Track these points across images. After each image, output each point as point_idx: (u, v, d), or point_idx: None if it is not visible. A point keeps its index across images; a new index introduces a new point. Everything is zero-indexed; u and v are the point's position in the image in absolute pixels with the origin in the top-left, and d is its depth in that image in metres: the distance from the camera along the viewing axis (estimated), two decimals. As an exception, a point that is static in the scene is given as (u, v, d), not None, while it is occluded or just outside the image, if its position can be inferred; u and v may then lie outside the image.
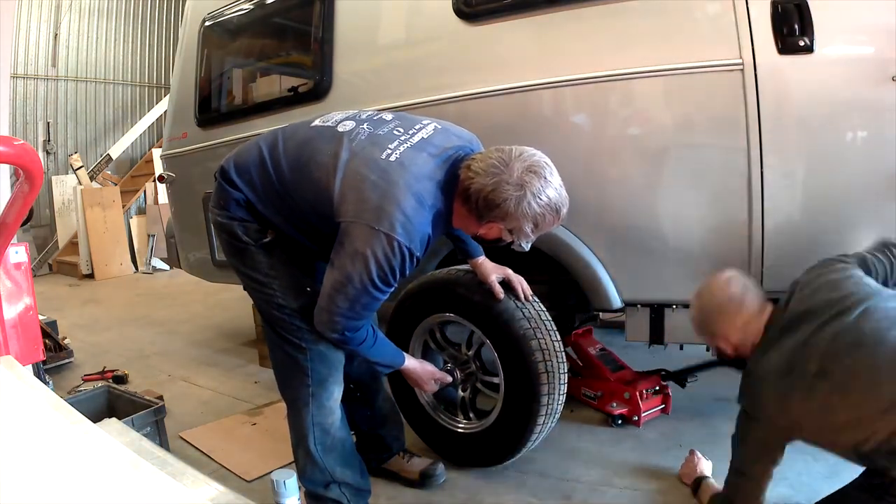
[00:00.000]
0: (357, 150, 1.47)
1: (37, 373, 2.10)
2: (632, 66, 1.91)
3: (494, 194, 1.41)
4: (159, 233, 7.25)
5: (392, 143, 1.48)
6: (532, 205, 1.42)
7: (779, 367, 1.43)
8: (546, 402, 1.92)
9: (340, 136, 1.52)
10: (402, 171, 1.42)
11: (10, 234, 1.42)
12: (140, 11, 8.88)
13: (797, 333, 1.44)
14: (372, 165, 1.43)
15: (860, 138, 1.75)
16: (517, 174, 1.41)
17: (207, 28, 3.11)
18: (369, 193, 1.40)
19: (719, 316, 1.58)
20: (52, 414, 1.12)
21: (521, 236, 1.49)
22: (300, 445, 1.73)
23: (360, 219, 1.40)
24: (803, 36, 1.68)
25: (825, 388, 1.36)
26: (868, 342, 1.34)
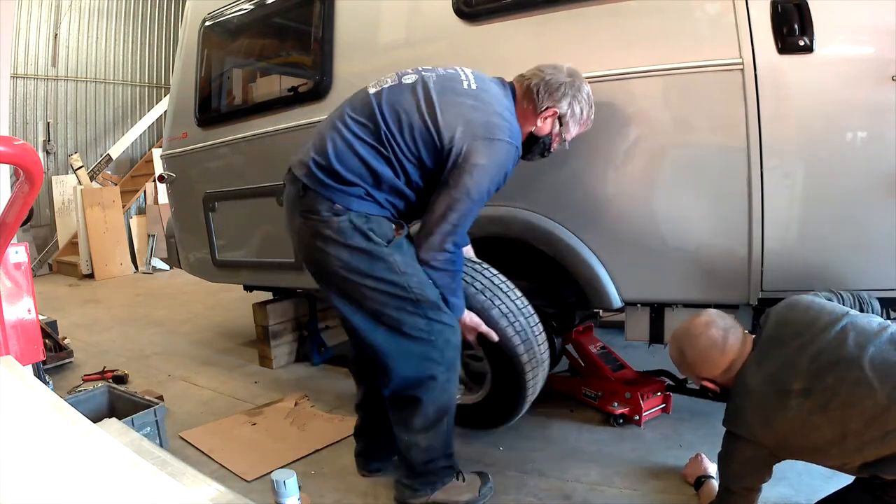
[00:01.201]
0: (441, 87, 1.70)
1: (37, 373, 2.09)
2: (631, 65, 1.92)
3: (553, 81, 1.75)
4: (159, 233, 7.26)
5: (460, 76, 1.75)
6: (582, 89, 1.78)
7: (763, 387, 1.46)
8: (527, 353, 2.02)
9: (415, 84, 1.73)
10: (485, 95, 1.71)
11: (10, 234, 1.42)
12: (140, 11, 8.88)
13: (777, 354, 1.48)
14: (463, 95, 1.69)
15: (860, 138, 1.76)
16: (566, 69, 1.77)
17: (207, 28, 3.11)
18: (473, 115, 1.66)
19: (702, 362, 1.60)
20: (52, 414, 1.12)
21: (571, 122, 1.80)
22: (437, 424, 1.82)
23: (473, 135, 1.64)
24: (803, 36, 1.69)
25: (808, 407, 1.38)
26: (847, 359, 1.37)
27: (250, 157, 2.96)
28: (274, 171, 2.82)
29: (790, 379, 1.42)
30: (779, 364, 1.46)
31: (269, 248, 3.00)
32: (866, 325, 1.42)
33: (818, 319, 1.47)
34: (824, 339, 1.42)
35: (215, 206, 3.15)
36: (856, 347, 1.38)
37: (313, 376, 3.22)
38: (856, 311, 1.50)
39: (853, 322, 1.43)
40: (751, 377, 1.50)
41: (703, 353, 1.59)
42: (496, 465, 2.14)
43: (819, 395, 1.38)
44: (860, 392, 1.33)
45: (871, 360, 1.34)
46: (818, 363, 1.40)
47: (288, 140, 2.73)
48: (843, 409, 1.34)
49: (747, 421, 1.48)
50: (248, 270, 3.20)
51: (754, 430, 1.46)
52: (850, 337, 1.40)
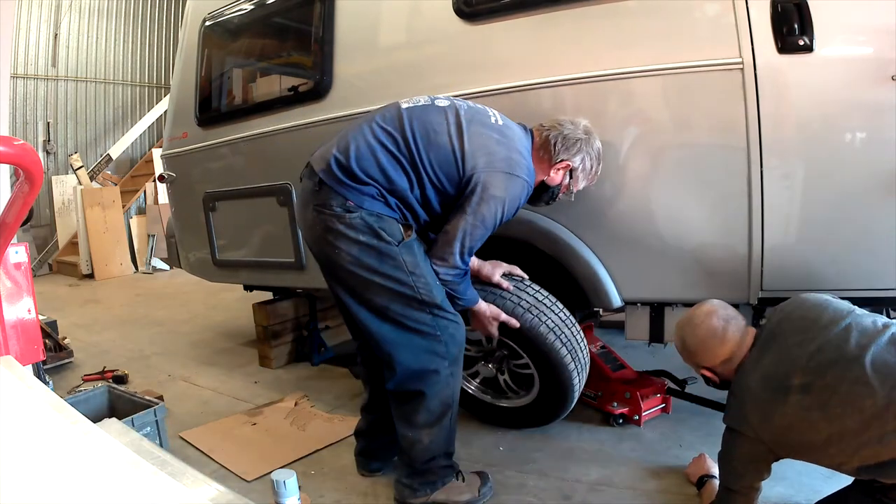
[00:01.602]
0: (470, 117, 1.80)
1: (37, 373, 2.09)
2: (631, 65, 1.92)
3: (571, 136, 1.84)
4: (159, 233, 7.26)
5: (488, 111, 1.85)
6: (594, 146, 1.88)
7: (762, 382, 1.47)
8: (573, 362, 2.11)
9: (447, 109, 1.81)
10: (509, 132, 1.82)
11: (10, 234, 1.42)
12: (140, 11, 8.88)
13: (779, 349, 1.48)
14: (490, 128, 1.79)
15: (860, 138, 1.75)
16: (582, 126, 1.87)
17: (208, 28, 3.11)
18: (497, 148, 1.76)
19: (702, 351, 1.62)
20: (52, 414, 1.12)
21: (581, 176, 1.89)
22: (440, 421, 1.85)
23: (494, 168, 1.74)
24: (803, 35, 1.69)
25: (806, 403, 1.39)
26: (848, 357, 1.37)
27: (250, 157, 2.96)
28: (274, 170, 2.83)
29: (790, 374, 1.42)
30: (779, 359, 1.47)
31: (269, 248, 3.00)
32: (869, 325, 1.42)
33: (821, 317, 1.48)
34: (826, 337, 1.43)
35: (215, 205, 3.15)
36: (857, 347, 1.38)
37: (313, 376, 3.22)
38: (861, 311, 1.49)
39: (856, 321, 1.43)
40: (751, 371, 1.51)
41: (703, 341, 1.61)
42: (496, 465, 2.14)
43: (818, 392, 1.38)
44: (859, 391, 1.33)
45: (872, 361, 1.34)
46: (818, 360, 1.40)
47: (288, 140, 2.73)
48: (842, 408, 1.34)
49: (746, 416, 1.48)
50: (248, 270, 3.20)
51: (754, 426, 1.47)
52: (853, 336, 1.40)
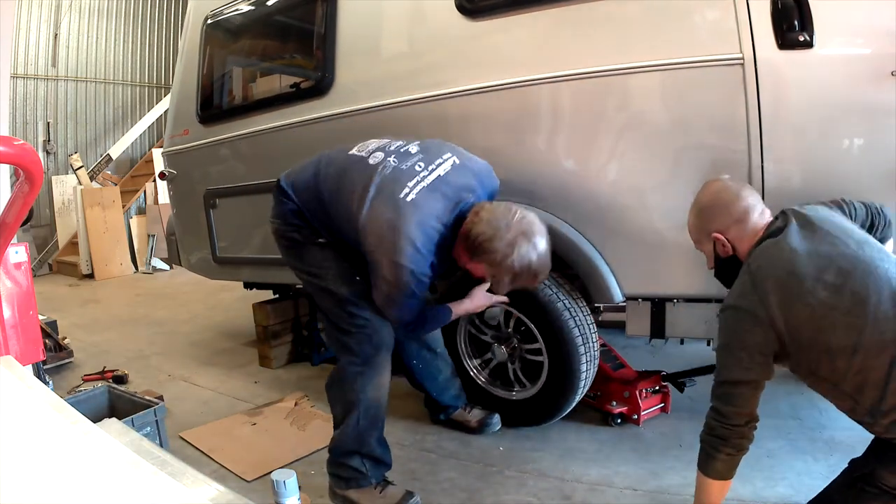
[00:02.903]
0: (382, 186, 1.68)
1: (37, 373, 2.09)
2: (633, 61, 1.92)
3: (488, 244, 1.65)
4: (159, 233, 7.26)
5: (412, 180, 1.68)
6: (514, 264, 1.66)
7: (791, 264, 1.37)
8: (583, 346, 2.17)
9: (371, 169, 1.74)
10: (415, 211, 1.64)
11: (10, 234, 1.42)
12: (140, 11, 8.88)
13: (814, 239, 1.40)
14: (391, 204, 1.65)
15: (860, 134, 1.75)
16: (511, 235, 1.64)
17: (210, 26, 3.12)
18: (387, 230, 1.64)
19: (716, 208, 1.54)
20: (52, 414, 1.12)
21: (500, 284, 1.76)
22: (345, 418, 1.89)
23: (379, 250, 1.67)
24: (803, 31, 1.69)
25: (833, 302, 1.31)
26: (881, 277, 1.32)
27: (252, 154, 2.97)
28: (275, 167, 2.82)
29: (823, 268, 1.34)
30: (814, 248, 1.38)
31: (269, 245, 2.99)
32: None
33: (854, 231, 1.43)
34: (861, 253, 1.36)
35: (216, 202, 3.15)
36: (886, 273, 1.32)
37: (313, 376, 3.22)
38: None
39: (883, 251, 1.41)
40: (778, 250, 1.40)
41: (716, 196, 1.55)
42: (496, 465, 2.14)
43: (849, 295, 1.31)
44: (886, 312, 1.28)
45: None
46: (854, 265, 1.34)
47: (289, 137, 2.74)
48: (864, 320, 1.28)
49: (764, 296, 1.36)
50: (248, 267, 3.21)
51: (770, 308, 1.35)
52: (885, 260, 1.36)
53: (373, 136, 2.44)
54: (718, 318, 1.49)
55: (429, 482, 2.05)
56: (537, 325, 2.23)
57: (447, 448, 2.29)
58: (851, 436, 1.76)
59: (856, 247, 1.38)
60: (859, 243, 1.39)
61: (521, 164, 2.18)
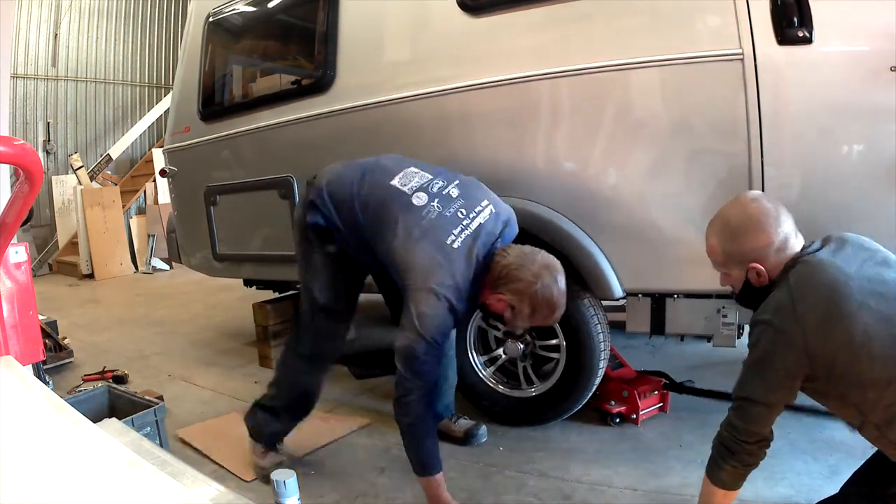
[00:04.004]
0: (428, 229, 1.77)
1: (37, 373, 2.09)
2: (633, 56, 1.93)
3: (516, 272, 1.73)
4: (159, 233, 7.25)
5: (456, 227, 1.77)
6: (538, 293, 1.72)
7: (835, 284, 1.26)
8: (603, 347, 2.20)
9: (416, 210, 1.81)
10: (460, 258, 1.74)
11: (10, 234, 1.42)
12: (140, 11, 8.88)
13: (851, 259, 1.31)
14: (439, 248, 1.74)
15: (860, 129, 1.76)
16: (537, 266, 1.73)
17: (212, 24, 3.13)
18: (434, 268, 1.72)
19: (755, 234, 1.36)
20: (52, 414, 1.12)
21: (519, 317, 1.78)
22: (278, 393, 2.18)
23: (422, 285, 1.71)
24: (802, 27, 1.70)
25: (874, 331, 1.22)
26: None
27: (253, 151, 2.98)
28: (276, 163, 2.84)
29: (865, 289, 1.24)
30: (853, 267, 1.28)
31: (270, 242, 3.01)
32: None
33: (892, 259, 1.34)
34: (889, 272, 1.28)
35: (217, 199, 3.16)
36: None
37: (313, 376, 3.22)
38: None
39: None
40: (821, 267, 1.29)
41: (754, 220, 1.37)
42: (496, 464, 2.14)
43: (892, 324, 1.21)
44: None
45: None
46: (891, 288, 1.24)
47: (290, 133, 2.75)
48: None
49: (803, 316, 1.26)
50: (248, 264, 3.21)
51: (807, 330, 1.25)
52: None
53: (373, 134, 2.48)
54: (751, 330, 1.40)
55: (429, 482, 2.05)
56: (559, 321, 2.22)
57: (447, 448, 2.28)
58: (851, 436, 1.75)
59: (887, 269, 1.30)
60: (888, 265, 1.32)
61: (521, 160, 2.19)
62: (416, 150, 2.42)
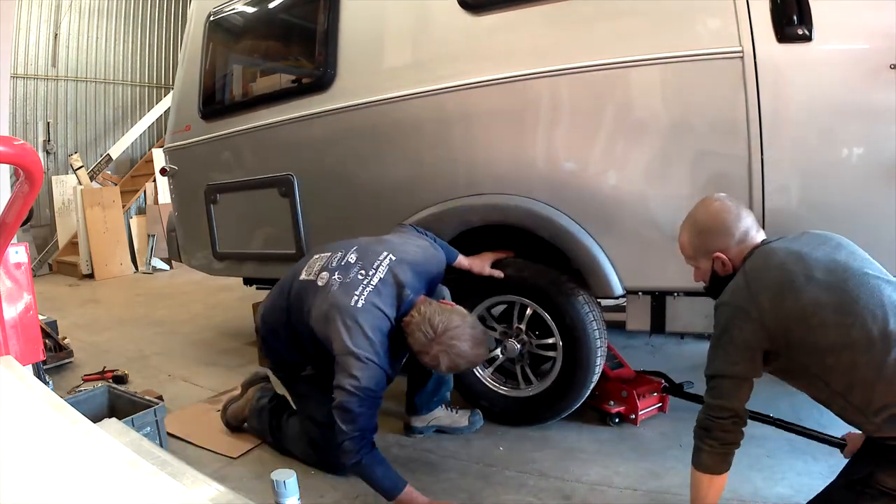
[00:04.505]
0: (333, 302, 1.92)
1: (37, 373, 2.09)
2: (633, 55, 1.93)
3: (420, 356, 1.91)
4: (159, 233, 7.25)
5: (357, 289, 1.92)
6: (441, 366, 1.89)
7: (784, 263, 1.42)
8: (600, 339, 2.21)
9: (321, 290, 1.98)
10: (367, 314, 1.89)
11: (10, 234, 1.42)
12: (140, 11, 8.87)
13: (805, 244, 1.47)
14: (345, 313, 1.89)
15: (859, 128, 1.76)
16: (434, 351, 1.86)
17: (212, 23, 3.13)
18: (347, 335, 1.87)
19: (719, 228, 1.56)
20: (52, 414, 1.12)
21: (445, 370, 1.94)
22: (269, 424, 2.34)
23: (345, 352, 1.86)
24: (802, 25, 1.70)
25: (823, 300, 1.35)
26: (871, 280, 1.36)
27: (253, 149, 2.99)
28: (276, 162, 2.85)
29: (814, 266, 1.39)
30: (805, 251, 1.44)
31: (270, 240, 3.01)
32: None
33: (845, 243, 1.48)
34: (846, 255, 1.43)
35: (217, 197, 3.16)
36: (874, 276, 1.38)
37: (313, 376, 3.22)
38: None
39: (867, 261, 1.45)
40: (772, 252, 1.47)
41: (717, 216, 1.56)
42: (496, 465, 2.14)
43: (838, 293, 1.35)
44: (874, 311, 1.31)
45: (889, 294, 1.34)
46: (843, 265, 1.39)
47: (291, 132, 2.75)
48: (854, 318, 1.32)
49: (756, 295, 1.41)
50: (248, 262, 3.21)
51: (761, 306, 1.40)
52: (869, 265, 1.41)
53: (373, 132, 2.50)
54: (714, 314, 1.52)
55: (429, 482, 2.05)
56: (555, 319, 2.24)
57: (447, 448, 2.29)
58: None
59: (847, 256, 1.44)
60: (851, 254, 1.45)
61: (521, 158, 2.19)
62: (417, 149, 2.42)
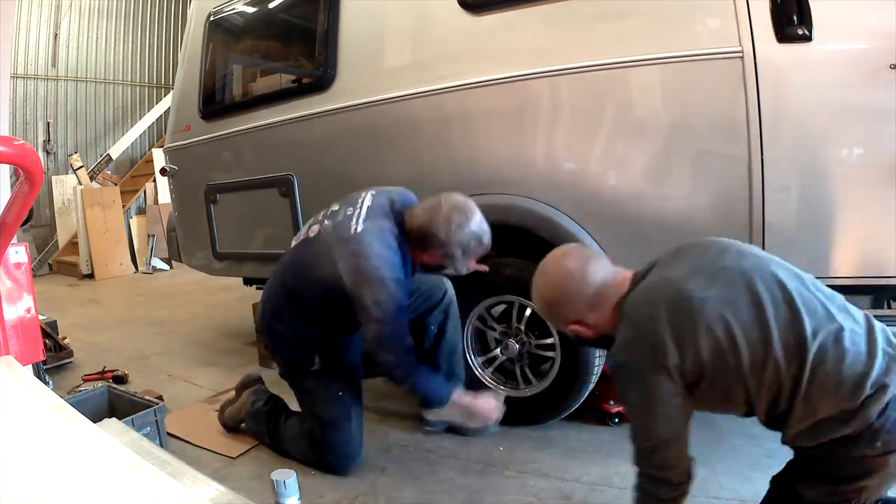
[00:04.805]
0: (333, 239, 1.93)
1: (37, 373, 2.09)
2: (632, 55, 1.93)
3: (429, 229, 1.88)
4: (159, 233, 7.25)
5: (351, 220, 1.93)
6: (457, 234, 1.87)
7: (672, 293, 1.26)
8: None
9: (317, 237, 1.99)
10: (368, 234, 1.89)
11: (10, 234, 1.42)
12: (140, 11, 8.87)
13: (686, 259, 1.33)
14: (348, 242, 1.89)
15: (860, 126, 1.76)
16: (444, 212, 1.87)
17: (213, 23, 3.13)
18: (357, 259, 1.87)
19: (565, 300, 1.40)
20: (52, 414, 1.12)
21: (455, 261, 1.94)
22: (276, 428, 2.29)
23: (359, 280, 1.86)
24: (802, 25, 1.70)
25: (730, 316, 1.21)
26: (769, 281, 1.24)
27: (253, 149, 2.99)
28: (276, 162, 2.85)
29: (704, 285, 1.24)
30: (691, 267, 1.30)
31: (270, 240, 3.02)
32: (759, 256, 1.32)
33: (729, 245, 1.36)
34: (740, 260, 1.30)
35: (217, 197, 3.16)
36: (774, 275, 1.26)
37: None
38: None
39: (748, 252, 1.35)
40: (651, 287, 1.30)
41: (560, 287, 1.40)
42: (496, 465, 2.14)
43: (744, 309, 1.21)
44: (785, 318, 1.20)
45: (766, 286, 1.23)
46: (738, 274, 1.25)
47: (291, 132, 2.76)
48: (769, 330, 1.20)
49: (655, 338, 1.24)
50: (249, 262, 3.21)
51: (667, 348, 1.22)
52: (746, 259, 1.30)
53: (373, 132, 2.50)
54: (614, 381, 1.36)
55: (429, 482, 2.05)
56: None
57: (447, 448, 2.28)
58: (851, 435, 1.75)
59: (736, 257, 1.30)
60: (740, 254, 1.32)
61: (521, 158, 2.20)
62: (417, 149, 2.42)
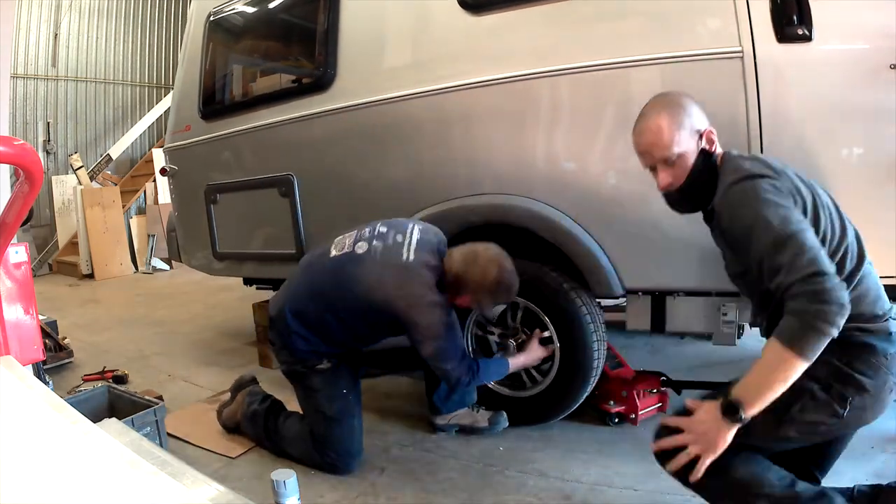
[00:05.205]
0: (384, 263, 2.03)
1: (37, 373, 2.10)
2: (632, 55, 1.93)
3: (465, 276, 2.00)
4: (159, 233, 7.25)
5: (402, 248, 2.04)
6: (491, 285, 2.00)
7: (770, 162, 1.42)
8: (597, 341, 2.22)
9: (364, 258, 2.05)
10: (420, 268, 2.01)
11: (10, 234, 1.42)
12: (140, 11, 8.87)
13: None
14: (400, 270, 2.01)
15: (860, 126, 1.76)
16: (482, 263, 1.99)
17: (213, 23, 3.13)
18: (408, 287, 2.00)
19: (696, 106, 1.51)
20: (52, 414, 1.12)
21: (486, 306, 2.13)
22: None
23: (410, 305, 1.99)
24: (801, 25, 1.70)
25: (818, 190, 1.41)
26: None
27: (253, 149, 2.99)
28: (277, 162, 2.85)
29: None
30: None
31: (270, 240, 3.02)
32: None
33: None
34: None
35: (217, 197, 3.16)
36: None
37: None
38: None
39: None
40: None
41: (686, 98, 1.52)
42: (496, 465, 2.14)
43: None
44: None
45: None
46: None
47: (291, 132, 2.75)
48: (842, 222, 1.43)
49: (768, 162, 1.41)
50: (249, 262, 3.21)
51: (779, 169, 1.39)
52: None
53: (373, 132, 2.50)
54: (729, 204, 1.36)
55: (429, 482, 2.06)
56: (551, 317, 2.25)
57: (447, 448, 2.29)
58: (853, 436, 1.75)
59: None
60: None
61: (522, 158, 2.19)
62: (417, 149, 2.42)
